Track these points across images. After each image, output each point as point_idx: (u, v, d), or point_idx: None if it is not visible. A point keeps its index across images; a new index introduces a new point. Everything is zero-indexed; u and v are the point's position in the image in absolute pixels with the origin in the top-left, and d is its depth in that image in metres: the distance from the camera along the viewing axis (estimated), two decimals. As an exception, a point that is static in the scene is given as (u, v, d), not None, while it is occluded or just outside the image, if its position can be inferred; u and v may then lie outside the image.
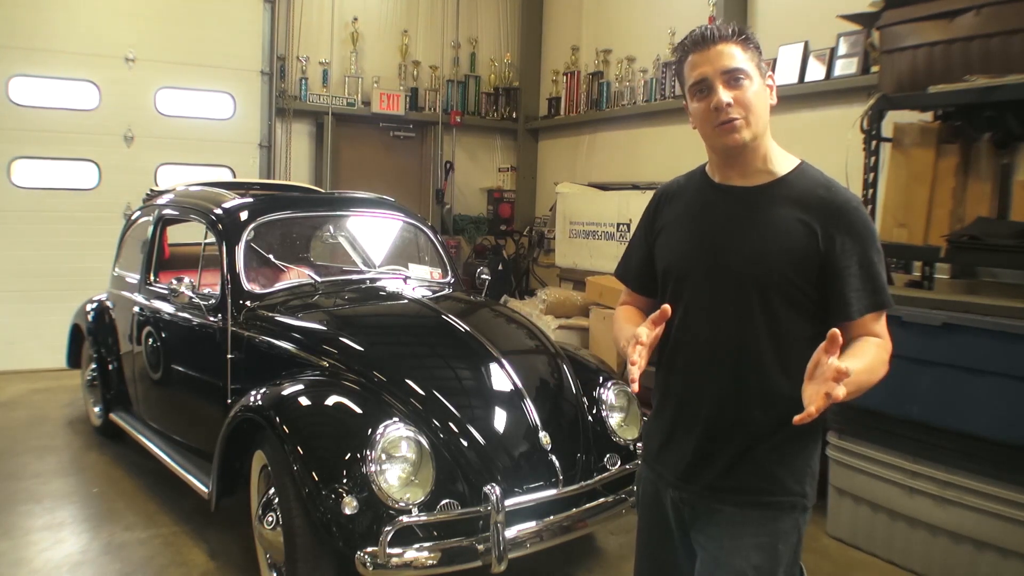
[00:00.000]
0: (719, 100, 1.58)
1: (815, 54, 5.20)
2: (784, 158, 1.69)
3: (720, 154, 1.69)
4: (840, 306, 1.58)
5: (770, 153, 1.67)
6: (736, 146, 1.62)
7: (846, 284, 1.57)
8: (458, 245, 8.41)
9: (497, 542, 2.50)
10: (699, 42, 1.62)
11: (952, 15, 3.49)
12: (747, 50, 1.60)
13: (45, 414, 5.39)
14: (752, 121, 1.60)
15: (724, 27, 1.61)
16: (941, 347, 3.14)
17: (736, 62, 1.58)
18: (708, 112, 1.61)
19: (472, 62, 8.51)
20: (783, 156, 1.69)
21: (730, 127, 1.60)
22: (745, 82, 1.59)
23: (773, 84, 1.67)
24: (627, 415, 3.27)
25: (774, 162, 1.67)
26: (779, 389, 1.60)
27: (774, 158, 1.67)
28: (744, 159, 1.66)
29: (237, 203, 3.90)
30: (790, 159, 1.70)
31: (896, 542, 3.42)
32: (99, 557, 3.37)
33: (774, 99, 1.66)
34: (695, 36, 1.63)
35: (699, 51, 1.61)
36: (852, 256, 1.57)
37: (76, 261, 6.43)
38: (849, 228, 1.58)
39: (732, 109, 1.58)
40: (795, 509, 1.65)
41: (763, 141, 1.65)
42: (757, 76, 1.61)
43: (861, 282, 1.57)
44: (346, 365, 3.06)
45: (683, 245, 1.73)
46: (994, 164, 3.68)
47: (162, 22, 6.80)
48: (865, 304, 1.58)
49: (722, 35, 1.60)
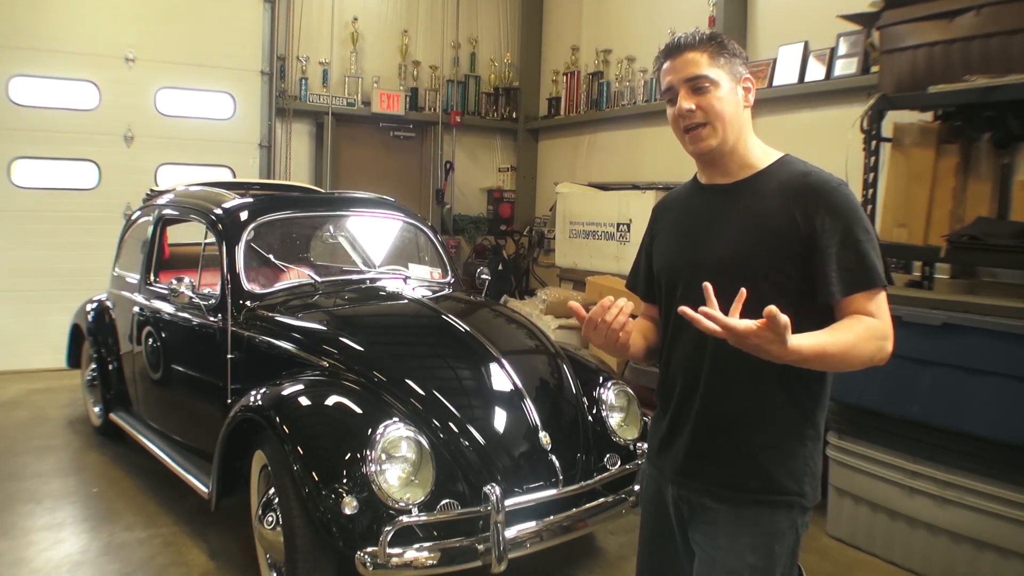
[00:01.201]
0: (681, 107, 1.65)
1: (815, 54, 5.20)
2: (765, 153, 1.71)
3: (695, 158, 1.75)
4: (824, 286, 1.56)
5: (750, 152, 1.69)
6: (703, 152, 1.68)
7: (828, 264, 1.56)
8: (458, 245, 8.40)
9: (497, 542, 2.50)
10: (670, 50, 1.68)
11: (952, 15, 3.49)
12: (717, 57, 1.64)
13: (45, 414, 5.39)
14: (719, 127, 1.64)
15: (696, 35, 1.66)
16: (941, 347, 3.14)
17: (701, 69, 1.63)
18: (676, 119, 1.68)
19: (472, 62, 8.51)
20: (764, 151, 1.71)
21: (695, 134, 1.66)
22: (710, 89, 1.63)
23: (752, 87, 1.69)
24: (627, 415, 3.27)
25: (755, 158, 1.70)
26: (772, 385, 1.61)
27: (755, 154, 1.70)
28: (721, 161, 1.70)
29: (237, 203, 3.90)
30: (772, 153, 1.71)
31: (896, 542, 3.42)
32: (99, 557, 3.37)
33: (749, 102, 1.68)
34: (668, 44, 1.69)
35: (669, 59, 1.68)
36: (834, 235, 1.56)
37: (76, 261, 6.43)
38: (829, 208, 1.57)
39: (695, 115, 1.63)
40: (792, 509, 1.65)
41: (739, 143, 1.68)
42: (727, 82, 1.64)
43: (845, 261, 1.55)
44: (346, 365, 3.06)
45: (672, 247, 1.78)
46: (994, 164, 3.68)
47: (162, 22, 6.80)
48: (850, 283, 1.55)
49: (691, 43, 1.65)
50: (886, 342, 1.56)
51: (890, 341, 1.57)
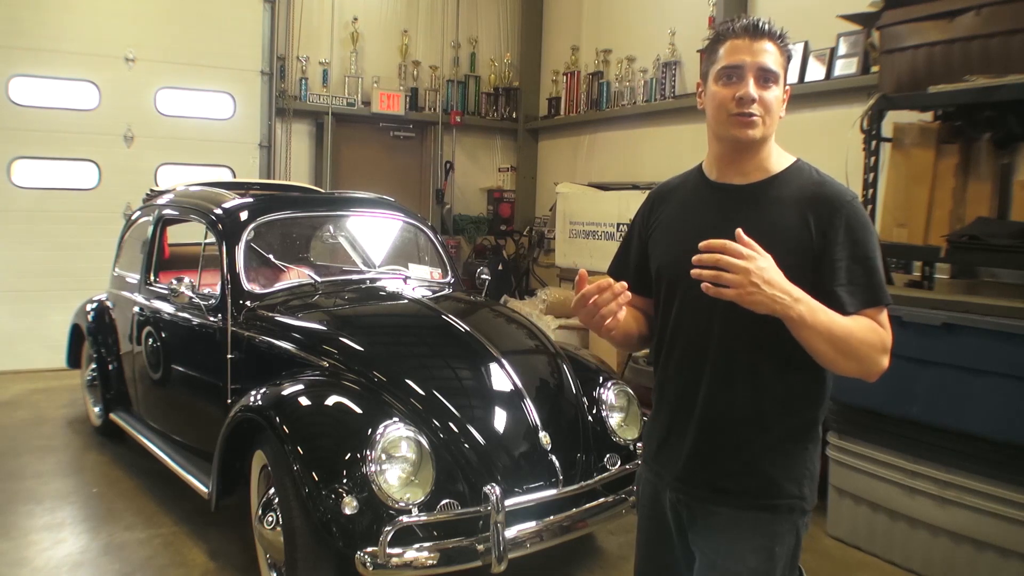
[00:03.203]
0: (747, 92, 1.59)
1: (815, 54, 5.20)
2: (781, 156, 1.70)
3: (725, 144, 1.68)
4: (833, 301, 1.55)
5: (770, 154, 1.69)
6: (746, 140, 1.63)
7: (839, 279, 1.56)
8: (458, 245, 8.40)
9: (497, 542, 2.50)
10: (749, 30, 1.63)
11: (952, 15, 3.49)
12: (783, 55, 1.64)
13: (45, 414, 5.39)
14: (768, 122, 1.63)
15: (771, 25, 1.64)
16: (941, 347, 3.14)
17: (774, 64, 1.62)
18: (729, 100, 1.62)
19: (472, 62, 8.51)
20: (780, 155, 1.71)
21: (748, 121, 1.61)
22: (773, 85, 1.62)
23: (788, 96, 1.69)
24: (627, 415, 3.27)
25: (771, 161, 1.68)
26: (773, 388, 1.61)
27: (772, 157, 1.69)
28: (747, 156, 1.67)
29: (237, 203, 3.90)
30: (786, 157, 1.71)
31: (896, 542, 3.42)
32: (99, 557, 3.37)
33: (783, 111, 1.68)
34: (746, 23, 1.64)
35: (744, 38, 1.63)
36: (845, 250, 1.57)
37: (76, 261, 6.43)
38: (843, 222, 1.58)
39: (755, 106, 1.60)
40: (793, 512, 1.65)
41: (768, 143, 1.67)
42: (781, 83, 1.65)
43: (855, 277, 1.56)
44: (346, 365, 3.06)
45: (677, 244, 1.72)
46: (994, 164, 3.68)
47: (162, 22, 6.80)
48: (859, 299, 1.56)
49: (772, 33, 1.63)
50: (884, 354, 1.57)
51: (887, 356, 1.58)
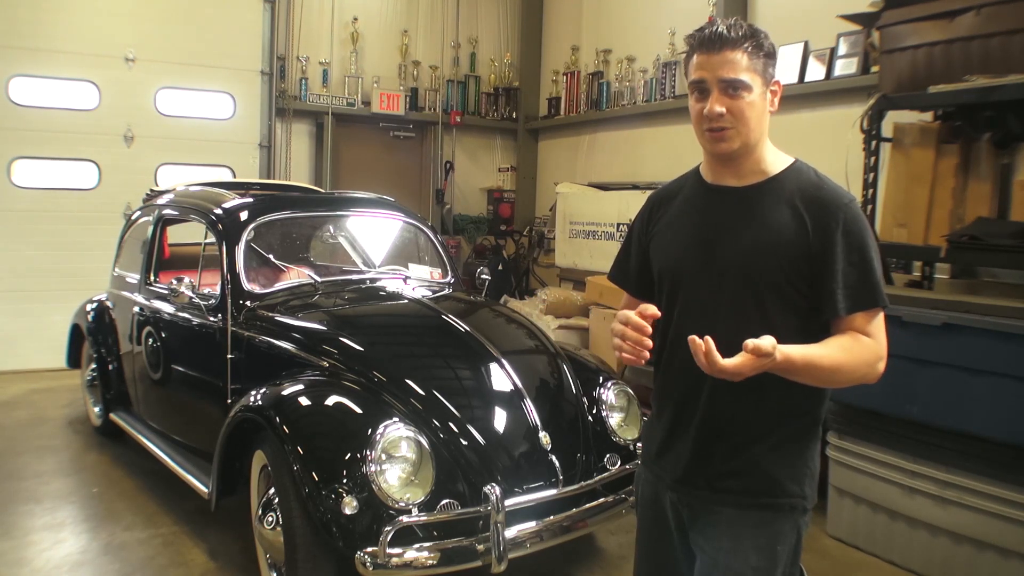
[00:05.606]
0: (712, 110, 1.59)
1: (815, 54, 5.20)
2: (778, 157, 1.69)
3: (710, 156, 1.71)
4: (828, 302, 1.57)
5: (764, 155, 1.67)
6: (723, 153, 1.64)
7: (835, 280, 1.56)
8: (458, 245, 8.40)
9: (497, 542, 2.50)
10: (706, 44, 1.60)
11: (952, 15, 3.48)
12: (754, 58, 1.59)
13: (45, 414, 5.39)
14: (743, 131, 1.60)
15: (737, 30, 1.58)
16: (941, 347, 3.14)
17: (737, 72, 1.57)
18: (701, 116, 1.62)
19: (472, 62, 8.51)
20: (777, 156, 1.70)
21: (718, 136, 1.61)
22: (743, 93, 1.58)
23: (778, 90, 1.67)
24: (627, 415, 3.27)
25: (768, 163, 1.67)
26: (775, 389, 1.60)
27: (768, 159, 1.68)
28: (736, 162, 1.67)
29: (237, 203, 3.89)
30: (784, 158, 1.70)
31: (896, 542, 3.42)
32: (99, 557, 3.37)
33: (775, 106, 1.65)
34: (705, 36, 1.61)
35: (705, 53, 1.60)
36: (842, 252, 1.57)
37: (76, 261, 6.43)
38: (840, 225, 1.58)
39: (723, 119, 1.59)
40: (794, 511, 1.65)
41: (757, 147, 1.65)
42: (759, 85, 1.60)
43: (850, 278, 1.56)
44: (346, 365, 3.06)
45: (677, 247, 1.73)
46: (994, 164, 3.68)
47: (162, 22, 6.80)
48: (853, 301, 1.56)
49: (731, 41, 1.57)
50: (879, 363, 1.58)
51: (883, 361, 1.58)
